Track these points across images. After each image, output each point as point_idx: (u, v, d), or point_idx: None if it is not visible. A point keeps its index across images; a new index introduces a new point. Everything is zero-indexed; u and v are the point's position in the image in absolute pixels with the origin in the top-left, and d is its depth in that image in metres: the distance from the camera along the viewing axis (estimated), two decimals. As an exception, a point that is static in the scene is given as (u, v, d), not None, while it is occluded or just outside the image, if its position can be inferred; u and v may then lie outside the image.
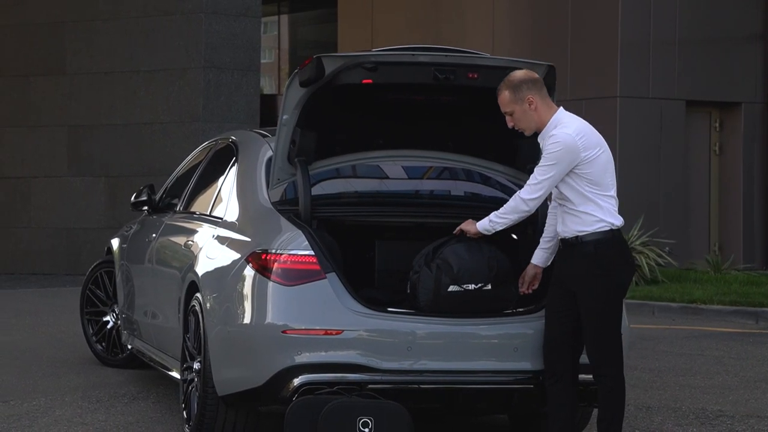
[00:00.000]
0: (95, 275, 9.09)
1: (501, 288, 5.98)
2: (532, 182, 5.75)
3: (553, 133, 5.74)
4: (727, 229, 17.44)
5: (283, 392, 5.85)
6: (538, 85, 5.78)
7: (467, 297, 5.94)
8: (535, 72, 6.12)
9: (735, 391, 8.29)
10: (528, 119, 5.77)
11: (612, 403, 5.77)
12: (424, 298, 5.97)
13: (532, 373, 6.00)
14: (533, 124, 5.79)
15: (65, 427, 6.86)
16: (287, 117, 6.18)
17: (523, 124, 5.79)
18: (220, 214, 6.77)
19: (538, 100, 5.74)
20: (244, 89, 16.57)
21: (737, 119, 17.45)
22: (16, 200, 17.45)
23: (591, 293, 5.71)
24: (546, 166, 5.72)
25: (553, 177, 5.72)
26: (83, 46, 17.01)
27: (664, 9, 16.73)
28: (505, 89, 5.77)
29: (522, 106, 5.75)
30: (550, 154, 5.71)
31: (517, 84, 5.75)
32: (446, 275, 5.91)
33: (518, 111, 5.76)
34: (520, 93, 5.74)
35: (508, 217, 5.84)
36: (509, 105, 5.77)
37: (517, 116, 5.78)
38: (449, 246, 5.99)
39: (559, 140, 5.69)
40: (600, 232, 5.73)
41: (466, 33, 18.15)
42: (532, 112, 5.75)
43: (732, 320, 12.50)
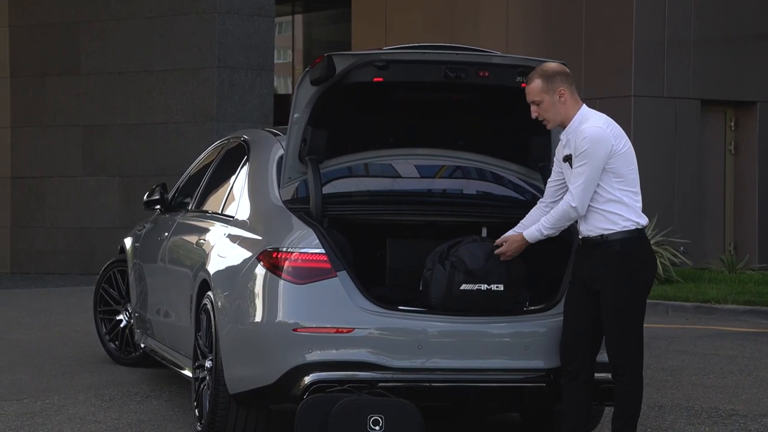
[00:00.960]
0: (108, 274, 9.12)
1: (513, 289, 5.98)
2: (573, 187, 5.70)
3: (582, 129, 5.70)
4: (742, 229, 17.39)
5: (294, 390, 5.86)
6: (569, 79, 5.77)
7: (479, 296, 5.94)
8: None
9: (748, 390, 8.27)
10: (555, 111, 5.74)
11: (629, 403, 5.76)
12: (436, 295, 5.97)
13: (544, 371, 6.00)
14: (559, 117, 5.76)
15: (78, 425, 6.88)
16: (298, 115, 6.19)
17: (550, 116, 5.76)
18: (231, 213, 6.78)
19: (568, 93, 5.73)
20: (257, 89, 16.59)
21: (752, 118, 17.40)
22: (31, 200, 17.51)
23: (616, 293, 5.70)
24: (581, 166, 5.67)
25: (591, 175, 5.67)
26: (97, 46, 17.06)
27: (678, 8, 16.69)
28: (537, 78, 5.74)
29: (552, 97, 5.73)
30: (581, 153, 5.66)
31: (551, 74, 5.73)
32: (459, 273, 5.91)
33: (547, 101, 5.73)
34: (553, 83, 5.72)
35: (559, 225, 5.80)
36: (539, 94, 5.74)
37: (544, 107, 5.74)
38: (464, 245, 5.99)
39: (587, 135, 5.66)
40: (626, 231, 5.71)
41: (480, 32, 18.14)
42: (560, 104, 5.73)
43: (746, 320, 12.46)
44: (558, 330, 5.94)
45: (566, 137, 5.78)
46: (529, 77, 5.79)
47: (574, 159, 5.70)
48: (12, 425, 6.85)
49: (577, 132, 5.72)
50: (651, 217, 15.30)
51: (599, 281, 5.72)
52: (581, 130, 5.71)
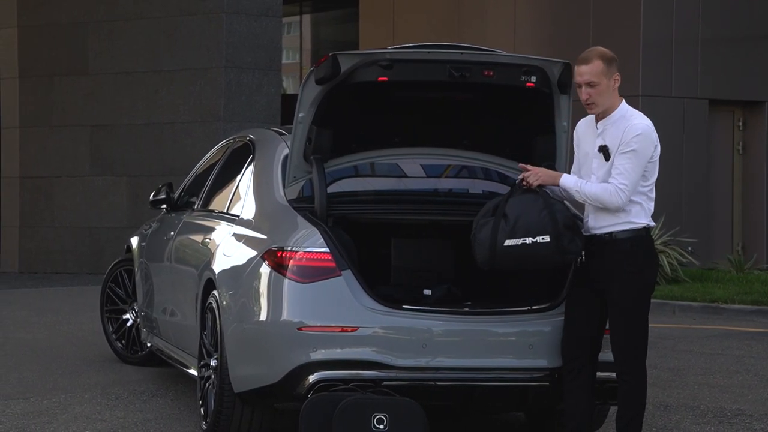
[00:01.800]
0: (115, 273, 9.14)
1: (563, 239, 5.68)
2: (624, 178, 5.60)
3: (636, 124, 5.65)
4: (750, 229, 17.36)
5: (299, 389, 5.87)
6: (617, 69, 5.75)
7: (525, 251, 5.69)
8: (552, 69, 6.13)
9: (755, 390, 8.26)
10: (608, 96, 5.68)
11: (633, 402, 5.76)
12: (481, 256, 5.75)
13: (548, 370, 6.00)
14: (608, 103, 5.70)
15: (84, 423, 6.90)
16: (303, 115, 6.19)
17: (601, 100, 5.68)
18: (236, 212, 6.79)
19: (618, 81, 5.72)
20: (265, 89, 16.61)
21: (761, 118, 17.37)
22: (39, 200, 17.55)
23: (623, 292, 5.69)
24: (630, 162, 5.61)
25: (639, 171, 5.65)
26: (105, 46, 17.09)
27: (686, 7, 16.67)
28: (597, 59, 5.67)
29: (609, 81, 5.68)
30: (633, 148, 5.61)
31: (610, 58, 5.69)
32: (502, 229, 5.71)
33: (604, 85, 5.66)
34: (612, 67, 5.69)
35: (596, 199, 5.64)
36: (599, 76, 5.65)
37: (600, 90, 5.66)
38: (510, 199, 5.79)
39: (642, 132, 5.64)
40: (634, 230, 5.71)
41: (487, 33, 18.14)
42: (613, 90, 5.69)
43: (753, 320, 12.44)
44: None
45: (604, 127, 5.71)
46: (586, 57, 5.69)
47: (623, 152, 5.63)
48: (18, 423, 6.87)
49: (629, 126, 5.65)
50: (659, 217, 15.31)
51: (607, 280, 5.71)
52: (635, 125, 5.65)
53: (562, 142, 6.37)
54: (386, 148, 6.59)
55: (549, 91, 6.21)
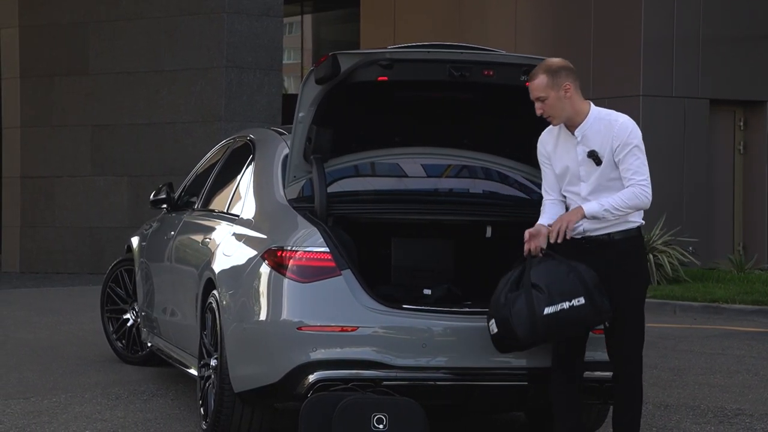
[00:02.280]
0: (115, 273, 9.14)
1: (596, 298, 5.59)
2: (643, 179, 5.59)
3: (623, 122, 5.62)
4: (751, 229, 17.36)
5: (299, 389, 5.87)
6: (574, 74, 5.68)
7: (565, 316, 5.57)
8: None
9: (755, 390, 8.26)
10: (561, 107, 5.64)
11: (631, 401, 5.76)
12: (522, 328, 5.59)
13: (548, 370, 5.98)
14: (564, 113, 5.66)
15: (84, 423, 6.90)
16: (303, 114, 6.19)
17: (555, 112, 5.66)
18: (236, 212, 6.79)
19: (573, 89, 5.64)
20: (266, 89, 16.62)
21: (762, 118, 17.37)
22: (40, 200, 17.56)
23: (624, 292, 5.69)
24: (638, 159, 5.59)
25: (646, 161, 5.64)
26: (106, 46, 17.10)
27: (687, 7, 16.67)
28: (541, 73, 5.64)
29: (558, 92, 5.62)
30: (635, 145, 5.59)
31: (555, 69, 5.63)
32: (538, 299, 5.58)
33: (553, 97, 5.63)
34: (559, 78, 5.63)
35: (629, 209, 5.60)
36: (545, 90, 5.64)
37: (550, 102, 5.64)
38: (532, 270, 5.67)
39: (633, 128, 5.62)
40: (629, 230, 5.72)
41: (488, 32, 18.14)
42: (566, 100, 5.63)
43: (754, 320, 12.44)
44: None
45: (582, 133, 5.67)
46: (533, 73, 5.69)
47: (626, 152, 5.60)
48: (18, 423, 6.87)
49: (617, 126, 5.61)
50: (659, 217, 15.35)
51: (605, 281, 5.71)
52: (622, 123, 5.62)
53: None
54: (386, 147, 6.59)
55: (549, 91, 6.20)
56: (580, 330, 5.70)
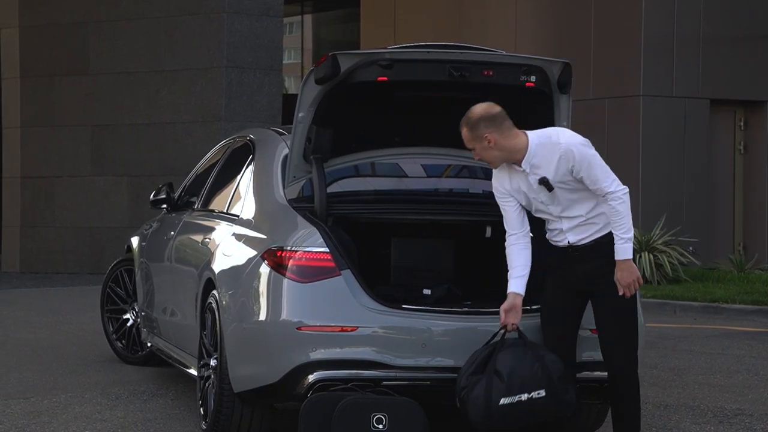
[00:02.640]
0: (115, 273, 9.14)
1: (558, 391, 5.62)
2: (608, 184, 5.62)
3: (563, 144, 5.65)
4: (751, 229, 17.36)
5: (298, 389, 5.87)
6: (496, 120, 5.72)
7: (521, 407, 5.59)
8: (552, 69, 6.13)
9: (755, 389, 8.26)
10: (489, 155, 5.76)
11: (631, 402, 5.76)
12: (475, 416, 5.64)
13: (547, 370, 5.99)
14: (498, 158, 5.75)
15: (84, 423, 6.90)
16: (303, 114, 6.20)
17: (487, 159, 5.79)
18: (236, 212, 6.79)
19: (496, 136, 5.70)
20: (266, 89, 16.62)
21: (762, 118, 17.37)
22: (40, 200, 17.57)
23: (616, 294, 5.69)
24: (594, 169, 5.64)
25: (604, 164, 5.68)
26: (106, 46, 17.10)
27: (687, 7, 16.67)
28: (463, 127, 5.77)
29: (480, 143, 5.73)
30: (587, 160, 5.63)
31: (474, 122, 5.73)
32: (497, 388, 5.61)
33: (479, 148, 5.76)
34: (478, 131, 5.73)
35: (627, 219, 5.64)
36: (470, 143, 5.78)
37: (478, 152, 5.78)
38: (499, 354, 5.70)
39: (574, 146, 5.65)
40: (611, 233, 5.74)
41: (488, 32, 18.14)
42: (491, 149, 5.73)
43: (754, 319, 12.44)
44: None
45: (529, 166, 5.72)
46: (460, 125, 5.79)
47: (584, 170, 5.64)
48: (18, 423, 6.87)
49: (561, 151, 5.65)
50: (659, 217, 15.35)
51: (598, 283, 5.72)
52: (566, 146, 5.65)
53: None
54: (386, 147, 6.59)
55: (549, 91, 6.22)
56: (539, 420, 5.71)
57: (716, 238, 16.94)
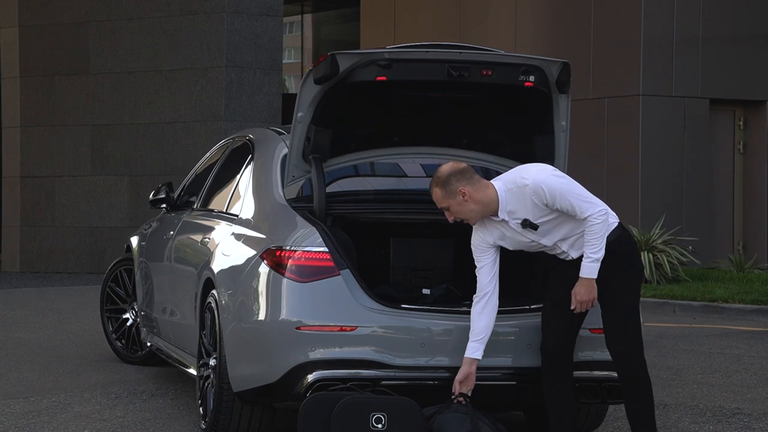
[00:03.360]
0: (115, 273, 9.15)
1: None
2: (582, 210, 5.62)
3: (529, 185, 5.63)
4: (751, 228, 17.37)
5: (297, 388, 5.88)
6: (466, 174, 5.73)
7: None
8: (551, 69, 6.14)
9: (753, 389, 8.26)
10: (466, 210, 5.73)
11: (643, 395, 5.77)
12: None
13: (546, 370, 6.00)
14: (474, 214, 5.74)
15: (84, 423, 6.91)
16: (302, 114, 6.20)
17: (464, 215, 5.76)
18: (236, 212, 6.80)
19: (469, 189, 5.70)
20: (266, 88, 16.63)
21: (761, 117, 17.38)
22: (41, 199, 17.58)
23: (622, 287, 5.74)
24: (564, 199, 5.63)
25: (576, 189, 5.67)
26: (106, 46, 17.11)
27: (687, 6, 16.67)
28: (435, 187, 5.75)
29: (456, 199, 5.72)
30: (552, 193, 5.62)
31: (445, 179, 5.72)
32: None
33: (454, 205, 5.73)
34: (450, 187, 5.71)
35: (600, 240, 5.65)
36: (444, 201, 5.75)
37: (454, 210, 5.75)
38: (440, 415, 5.77)
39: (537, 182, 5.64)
40: (614, 231, 5.77)
41: (488, 32, 18.15)
42: (468, 202, 5.72)
43: (753, 319, 12.45)
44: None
45: (506, 214, 5.71)
46: (430, 187, 5.79)
47: (558, 204, 5.65)
48: (18, 423, 6.88)
49: (528, 192, 5.65)
50: (659, 216, 15.36)
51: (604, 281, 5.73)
52: (531, 186, 5.64)
53: (560, 142, 6.38)
54: (385, 147, 6.59)
55: (548, 91, 6.22)
56: None
57: (716, 238, 16.95)
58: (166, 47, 16.73)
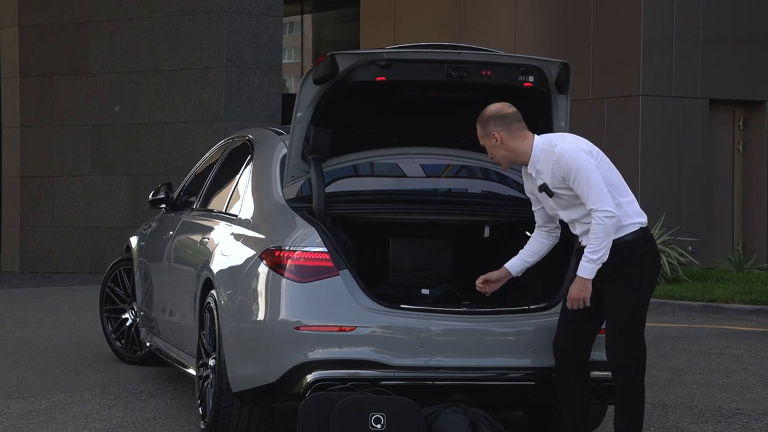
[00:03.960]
0: (114, 273, 9.15)
1: None
2: (591, 202, 5.62)
3: (555, 152, 5.70)
4: (750, 228, 17.37)
5: (297, 388, 5.88)
6: (506, 120, 5.80)
7: None
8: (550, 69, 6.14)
9: (753, 389, 8.27)
10: (497, 153, 5.84)
11: (632, 401, 5.76)
12: None
13: (546, 369, 6.01)
14: (504, 159, 5.85)
15: (83, 423, 6.91)
16: (301, 114, 6.21)
17: (496, 157, 5.88)
18: (235, 212, 6.80)
19: (504, 135, 5.79)
20: (266, 89, 16.63)
21: (761, 118, 17.38)
22: (40, 199, 17.58)
23: (622, 291, 5.72)
24: (580, 182, 5.65)
25: (595, 179, 5.65)
26: (106, 45, 17.11)
27: (687, 6, 16.67)
28: (477, 123, 5.89)
29: (490, 141, 5.83)
30: (573, 172, 5.64)
31: (485, 119, 5.84)
32: None
33: (488, 145, 5.86)
34: (487, 128, 5.83)
35: (607, 240, 5.64)
36: (481, 139, 5.89)
37: (489, 150, 5.88)
38: (440, 415, 5.80)
39: (563, 154, 5.67)
40: (631, 233, 5.74)
41: (488, 32, 18.15)
42: (499, 147, 5.81)
43: (753, 319, 12.45)
44: (560, 329, 5.94)
45: (534, 169, 5.80)
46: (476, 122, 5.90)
47: (572, 182, 5.67)
48: (17, 423, 6.88)
49: (553, 159, 5.70)
50: (659, 217, 15.36)
51: (606, 279, 5.73)
52: (557, 154, 5.69)
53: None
54: (385, 147, 6.60)
55: (547, 91, 6.22)
56: None
57: (715, 238, 16.95)
58: (166, 47, 16.73)
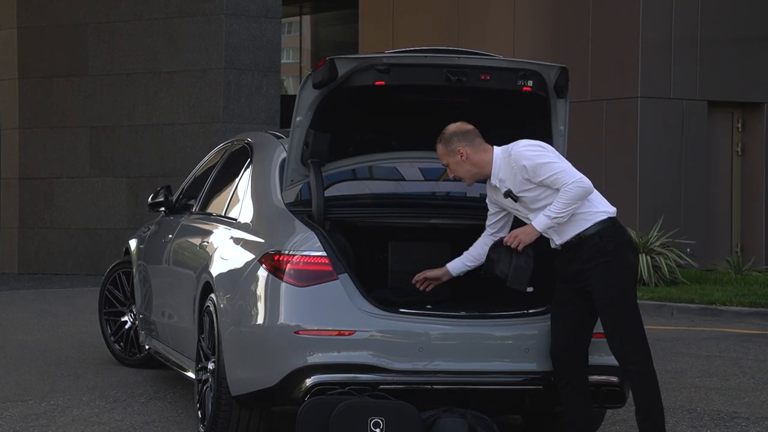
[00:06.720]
0: (113, 275, 9.15)
1: None
2: (563, 180, 5.74)
3: (515, 155, 5.84)
4: (749, 230, 17.38)
5: (296, 392, 5.89)
6: (468, 136, 5.98)
7: None
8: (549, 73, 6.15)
9: (751, 392, 8.27)
10: (462, 170, 5.99)
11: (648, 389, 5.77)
12: None
13: (544, 374, 6.02)
14: (469, 175, 5.99)
15: (82, 426, 6.92)
16: (300, 118, 6.21)
17: (460, 174, 6.02)
18: (234, 215, 6.81)
19: (468, 150, 5.95)
20: (264, 90, 16.63)
21: (760, 120, 17.39)
22: (39, 201, 17.58)
23: (604, 281, 5.75)
24: (548, 170, 5.78)
25: (560, 163, 5.81)
26: (105, 47, 17.11)
27: (685, 8, 16.69)
28: (438, 143, 6.03)
29: (454, 157, 5.97)
30: (536, 164, 5.78)
31: (448, 137, 5.99)
32: None
33: (452, 163, 5.99)
34: (451, 145, 5.97)
35: (569, 204, 5.75)
36: (444, 158, 6.03)
37: (452, 167, 6.02)
38: (438, 420, 5.82)
39: (521, 154, 5.83)
40: (599, 223, 5.82)
41: (486, 34, 18.16)
42: (463, 162, 5.95)
43: (751, 321, 12.45)
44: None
45: (497, 180, 5.94)
46: (436, 142, 6.04)
47: (541, 176, 5.79)
48: (16, 426, 6.88)
49: (512, 162, 5.84)
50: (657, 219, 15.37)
51: (586, 276, 5.78)
52: (514, 156, 5.85)
53: (558, 147, 6.39)
54: (384, 151, 6.61)
55: (546, 96, 6.24)
56: None
57: (714, 240, 16.96)
58: (165, 49, 16.73)
